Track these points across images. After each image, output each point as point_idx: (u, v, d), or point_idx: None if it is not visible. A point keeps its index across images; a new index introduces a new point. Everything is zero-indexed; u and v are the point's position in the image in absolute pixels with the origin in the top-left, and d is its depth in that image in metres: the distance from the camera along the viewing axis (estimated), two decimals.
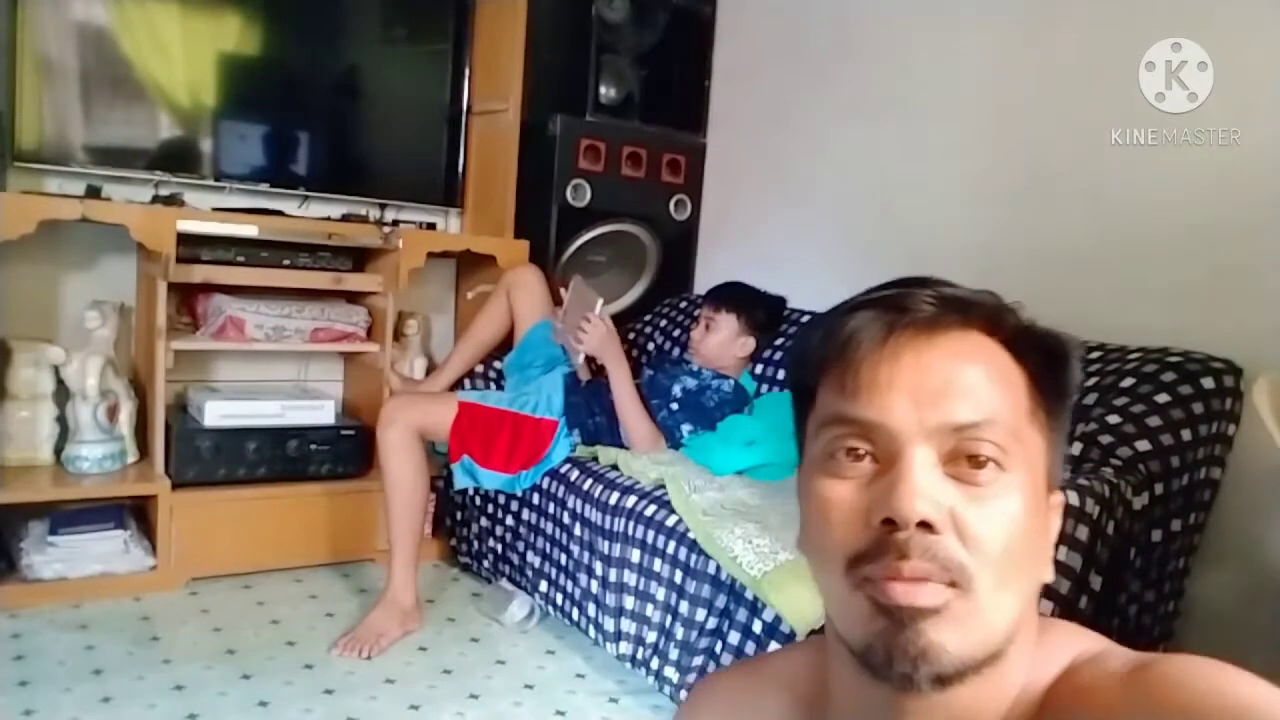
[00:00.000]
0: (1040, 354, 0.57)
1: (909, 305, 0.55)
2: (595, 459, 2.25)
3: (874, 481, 0.53)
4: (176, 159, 2.51)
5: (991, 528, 0.51)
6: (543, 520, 2.23)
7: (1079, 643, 0.56)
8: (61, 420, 2.36)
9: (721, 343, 2.37)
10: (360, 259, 2.69)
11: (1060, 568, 1.42)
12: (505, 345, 2.63)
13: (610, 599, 1.98)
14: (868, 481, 0.54)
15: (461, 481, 2.29)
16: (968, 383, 0.53)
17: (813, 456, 0.57)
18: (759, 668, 0.73)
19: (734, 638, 1.75)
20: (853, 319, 0.56)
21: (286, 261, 2.49)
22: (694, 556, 1.82)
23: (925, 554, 0.50)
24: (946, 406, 0.52)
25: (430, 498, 2.37)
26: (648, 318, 2.94)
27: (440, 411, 2.28)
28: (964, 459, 0.52)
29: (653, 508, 1.94)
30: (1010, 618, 0.52)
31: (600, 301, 2.31)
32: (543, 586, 2.23)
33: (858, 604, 0.52)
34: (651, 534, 1.91)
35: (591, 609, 2.04)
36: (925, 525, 0.50)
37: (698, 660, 1.80)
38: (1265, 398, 1.45)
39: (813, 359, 0.58)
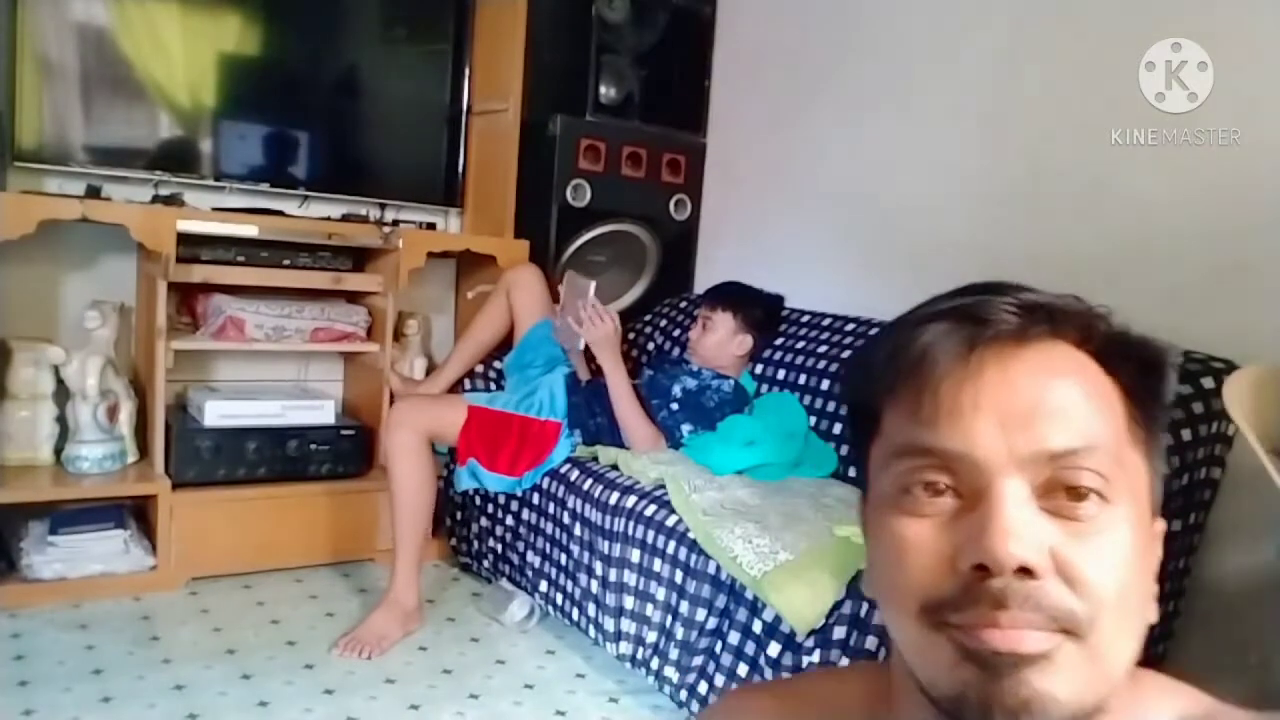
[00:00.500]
0: (1134, 365, 0.50)
1: (989, 316, 0.48)
2: (595, 459, 2.25)
3: (957, 519, 0.46)
4: (176, 159, 2.51)
5: (1102, 569, 0.45)
6: (543, 520, 2.23)
7: (1177, 698, 0.51)
8: (61, 420, 2.36)
9: (719, 341, 2.37)
10: (360, 259, 2.69)
11: None
12: (505, 345, 2.63)
13: (610, 599, 1.98)
14: (950, 519, 0.47)
15: (465, 483, 2.29)
16: (1061, 402, 0.47)
17: (882, 491, 0.50)
18: (797, 691, 0.67)
19: (734, 638, 1.75)
20: (925, 332, 0.49)
21: (286, 261, 2.49)
22: (694, 556, 1.82)
23: (1027, 604, 0.43)
24: (1039, 431, 0.46)
25: None
26: (648, 318, 2.93)
27: (450, 415, 2.28)
28: (1062, 491, 0.46)
29: (653, 508, 1.94)
30: (1124, 665, 0.46)
31: (593, 285, 2.31)
32: (543, 586, 2.23)
33: (940, 648, 0.46)
34: (651, 534, 1.91)
35: (591, 609, 2.04)
36: (1024, 571, 0.44)
37: (698, 660, 1.81)
38: (1238, 391, 1.42)
39: (878, 378, 0.51)
